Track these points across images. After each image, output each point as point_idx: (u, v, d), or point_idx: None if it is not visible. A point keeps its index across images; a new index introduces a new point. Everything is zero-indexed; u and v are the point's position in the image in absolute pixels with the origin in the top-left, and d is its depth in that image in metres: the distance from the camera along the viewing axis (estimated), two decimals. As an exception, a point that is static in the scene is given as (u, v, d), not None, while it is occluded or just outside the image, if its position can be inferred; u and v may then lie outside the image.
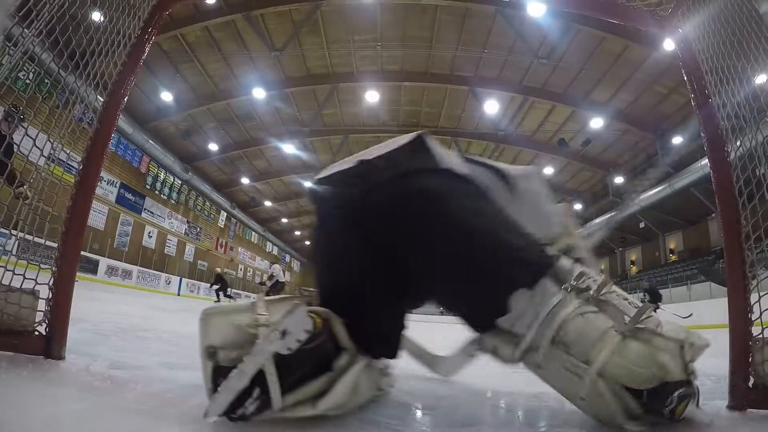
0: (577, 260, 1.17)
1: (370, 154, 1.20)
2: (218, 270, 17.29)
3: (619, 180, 19.54)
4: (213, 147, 19.96)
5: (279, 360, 0.85)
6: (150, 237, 19.93)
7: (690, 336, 1.00)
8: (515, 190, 1.26)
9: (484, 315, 1.06)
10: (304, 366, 0.89)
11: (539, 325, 0.99)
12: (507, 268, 1.02)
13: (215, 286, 15.25)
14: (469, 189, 1.14)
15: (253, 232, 30.99)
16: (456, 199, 1.07)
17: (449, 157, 1.22)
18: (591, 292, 1.01)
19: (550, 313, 0.99)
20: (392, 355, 1.15)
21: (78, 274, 1.22)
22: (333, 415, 0.91)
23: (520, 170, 1.34)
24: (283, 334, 0.84)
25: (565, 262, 1.08)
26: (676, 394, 0.91)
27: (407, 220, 1.04)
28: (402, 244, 1.04)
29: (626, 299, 1.03)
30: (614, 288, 1.05)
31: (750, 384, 1.07)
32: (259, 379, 0.84)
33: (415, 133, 1.24)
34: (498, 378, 1.76)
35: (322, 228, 1.17)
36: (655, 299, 13.06)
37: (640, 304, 1.01)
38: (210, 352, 0.91)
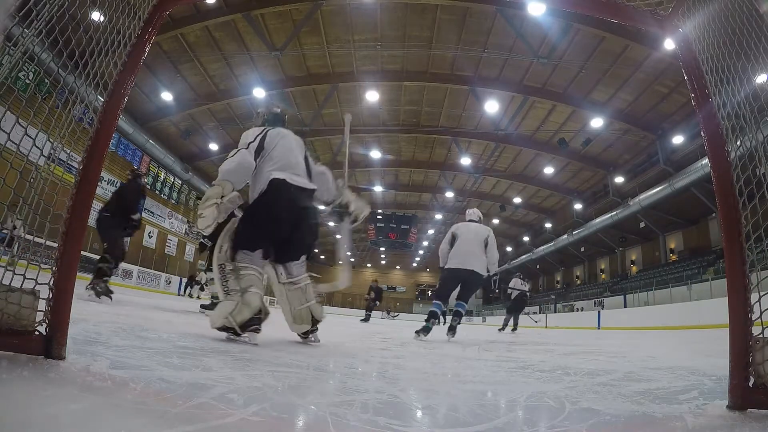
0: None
1: (304, 184, 2.62)
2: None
3: (619, 179, 19.55)
4: (213, 147, 19.97)
5: None
6: (150, 237, 19.94)
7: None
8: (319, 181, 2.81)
9: (299, 256, 2.65)
10: None
11: (303, 277, 2.63)
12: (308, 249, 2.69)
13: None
14: (317, 219, 2.71)
15: (254, 232, 30.98)
16: (314, 218, 2.68)
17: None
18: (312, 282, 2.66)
19: (306, 276, 2.65)
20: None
21: (78, 273, 1.22)
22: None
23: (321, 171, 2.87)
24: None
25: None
26: (316, 327, 2.67)
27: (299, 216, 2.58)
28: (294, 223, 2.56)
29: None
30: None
31: (750, 384, 1.07)
32: None
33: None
34: (498, 378, 1.76)
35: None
36: (376, 298, 13.85)
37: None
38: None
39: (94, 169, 1.25)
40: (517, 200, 26.04)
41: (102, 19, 1.33)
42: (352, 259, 44.54)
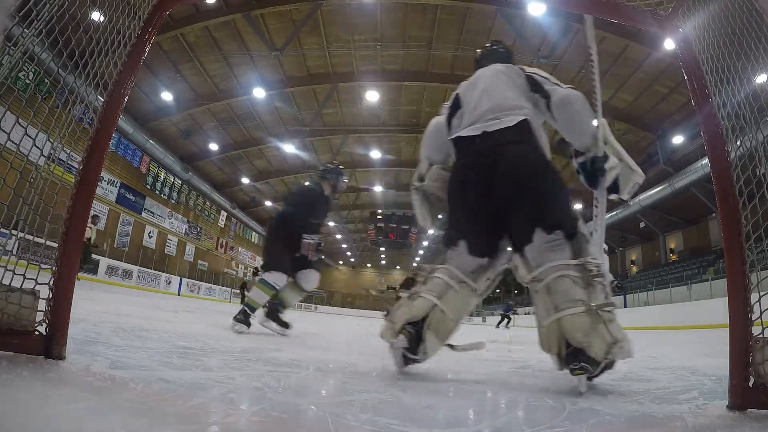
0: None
1: (490, 126, 1.67)
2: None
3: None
4: (213, 147, 19.96)
5: None
6: (150, 237, 19.94)
7: (624, 342, 1.35)
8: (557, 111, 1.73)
9: (528, 231, 1.51)
10: None
11: (546, 268, 1.46)
12: (559, 214, 1.54)
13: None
14: (547, 165, 1.65)
15: (254, 232, 31.01)
16: (545, 168, 1.63)
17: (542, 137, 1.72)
18: (587, 273, 1.43)
19: (557, 265, 1.45)
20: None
21: (78, 273, 1.22)
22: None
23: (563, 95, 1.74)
24: None
25: (583, 238, 1.53)
26: (581, 363, 1.31)
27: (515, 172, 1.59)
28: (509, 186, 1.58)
29: (604, 287, 1.44)
30: (604, 279, 1.45)
31: (750, 384, 1.07)
32: None
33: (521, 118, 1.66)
34: (498, 378, 1.76)
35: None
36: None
37: (612, 298, 1.45)
38: None
39: (94, 169, 1.25)
40: (517, 200, 26.00)
41: (102, 19, 1.33)
42: (352, 259, 44.46)
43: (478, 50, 2.15)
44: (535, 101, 1.77)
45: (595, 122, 1.69)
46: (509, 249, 1.64)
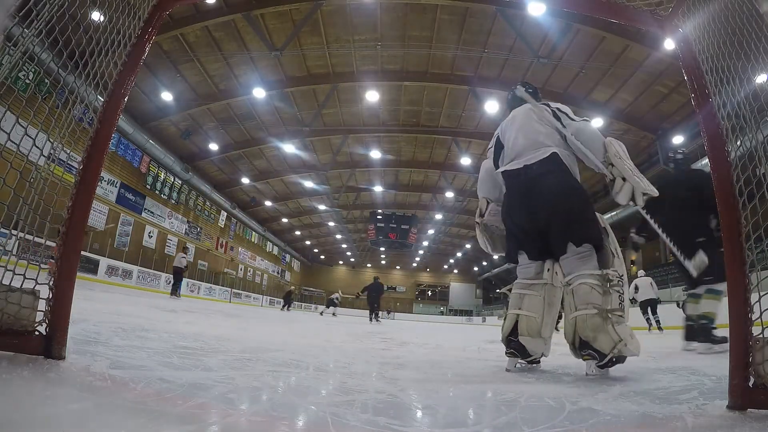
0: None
1: (529, 160, 2.03)
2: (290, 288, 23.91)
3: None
4: (213, 147, 19.95)
5: None
6: (150, 237, 19.94)
7: (629, 341, 1.73)
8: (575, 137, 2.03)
9: (562, 245, 1.89)
10: None
11: (573, 276, 1.82)
12: (587, 230, 1.88)
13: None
14: (575, 189, 1.99)
15: (253, 232, 31.01)
16: (573, 192, 1.97)
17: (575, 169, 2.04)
18: (606, 282, 1.75)
19: (581, 274, 1.80)
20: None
21: (78, 273, 1.22)
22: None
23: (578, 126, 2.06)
24: None
25: (609, 251, 1.92)
26: (588, 351, 1.74)
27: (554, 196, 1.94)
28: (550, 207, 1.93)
29: (620, 295, 1.78)
30: (623, 288, 1.80)
31: (750, 384, 1.07)
32: None
33: (550, 151, 2.00)
34: (498, 378, 1.76)
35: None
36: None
37: (626, 303, 1.80)
38: None
39: (94, 169, 1.25)
40: (517, 200, 25.97)
41: (102, 19, 1.33)
42: (352, 259, 44.47)
43: (509, 93, 2.49)
44: (558, 131, 2.10)
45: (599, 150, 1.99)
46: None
